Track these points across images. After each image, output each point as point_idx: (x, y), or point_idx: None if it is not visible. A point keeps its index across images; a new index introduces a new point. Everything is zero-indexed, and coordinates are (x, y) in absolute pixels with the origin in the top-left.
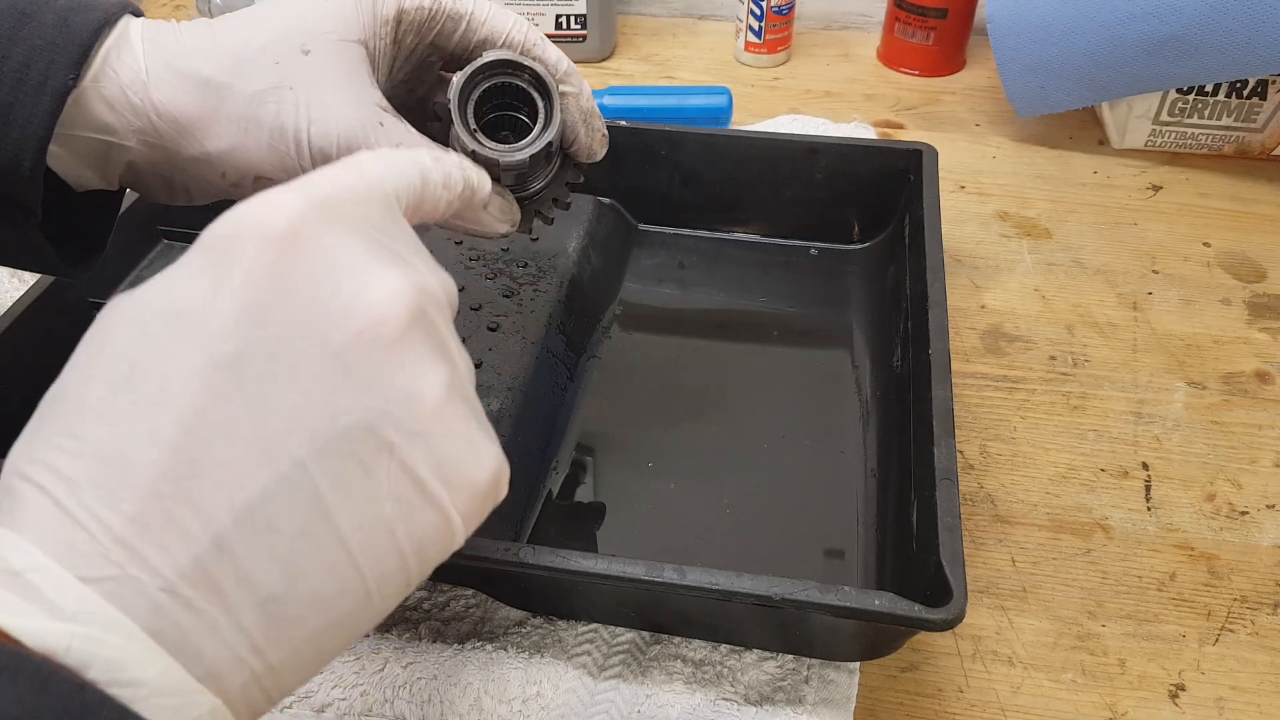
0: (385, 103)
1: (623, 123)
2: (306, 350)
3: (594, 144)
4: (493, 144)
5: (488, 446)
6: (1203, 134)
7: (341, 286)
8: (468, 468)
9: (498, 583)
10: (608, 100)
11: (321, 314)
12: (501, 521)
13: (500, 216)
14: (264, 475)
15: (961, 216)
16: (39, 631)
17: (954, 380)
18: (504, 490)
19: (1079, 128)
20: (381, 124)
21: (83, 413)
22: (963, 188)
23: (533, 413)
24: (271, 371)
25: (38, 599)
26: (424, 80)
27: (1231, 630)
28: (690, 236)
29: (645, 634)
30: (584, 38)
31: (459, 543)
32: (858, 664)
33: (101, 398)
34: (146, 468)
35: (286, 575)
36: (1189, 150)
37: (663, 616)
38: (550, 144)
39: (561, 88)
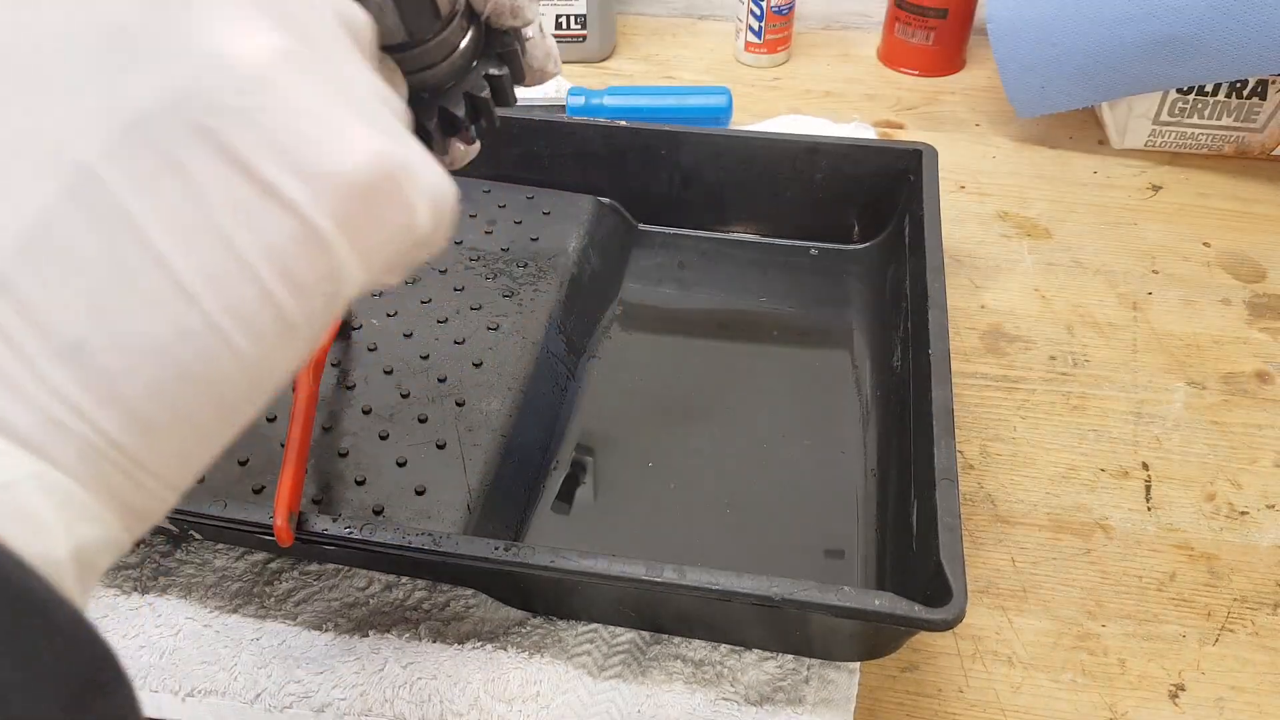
0: None
1: (623, 123)
2: (74, 30)
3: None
4: None
5: (355, 127)
6: (1203, 134)
7: None
8: (324, 152)
9: (498, 582)
10: (608, 100)
11: None
12: (501, 521)
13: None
14: (44, 190)
15: (962, 216)
16: None
17: (954, 380)
18: (406, 191)
19: (1079, 128)
20: None
21: None
22: (963, 188)
23: (533, 413)
24: (33, 63)
25: None
26: None
27: (1231, 630)
28: (690, 236)
29: (645, 634)
30: (584, 38)
31: (341, 260)
32: (858, 664)
33: None
34: None
35: (91, 313)
36: (1189, 150)
37: (663, 616)
38: None
39: None
